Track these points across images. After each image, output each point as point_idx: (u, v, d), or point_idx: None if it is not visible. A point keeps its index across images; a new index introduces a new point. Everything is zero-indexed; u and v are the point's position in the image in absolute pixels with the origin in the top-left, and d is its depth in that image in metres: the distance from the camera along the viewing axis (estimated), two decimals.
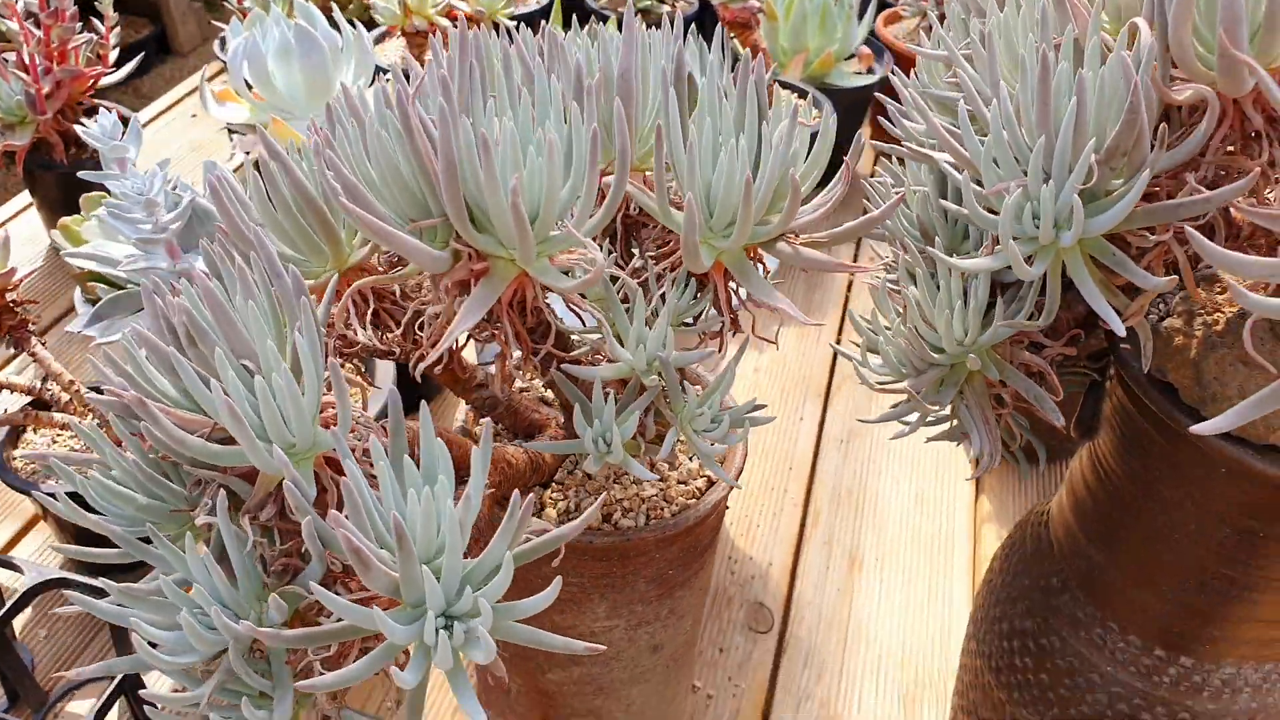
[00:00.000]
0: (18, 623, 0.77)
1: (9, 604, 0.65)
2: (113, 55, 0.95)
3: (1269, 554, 0.49)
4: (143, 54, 1.10)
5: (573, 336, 0.45)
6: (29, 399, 0.71)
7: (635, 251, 0.47)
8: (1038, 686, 0.60)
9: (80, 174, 0.62)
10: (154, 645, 0.34)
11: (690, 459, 0.53)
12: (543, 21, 1.02)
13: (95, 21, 0.97)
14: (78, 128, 0.63)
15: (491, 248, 0.38)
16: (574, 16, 0.52)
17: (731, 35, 0.98)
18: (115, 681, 0.61)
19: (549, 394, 0.57)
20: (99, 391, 0.74)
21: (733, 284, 0.42)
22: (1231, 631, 0.53)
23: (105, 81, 0.94)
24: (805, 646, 0.81)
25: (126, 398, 0.34)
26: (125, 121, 1.00)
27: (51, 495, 0.38)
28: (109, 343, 0.64)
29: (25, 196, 1.16)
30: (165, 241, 0.57)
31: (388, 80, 0.40)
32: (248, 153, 0.84)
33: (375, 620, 0.31)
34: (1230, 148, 0.37)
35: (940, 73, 0.51)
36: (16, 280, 0.64)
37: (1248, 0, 0.33)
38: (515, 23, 0.71)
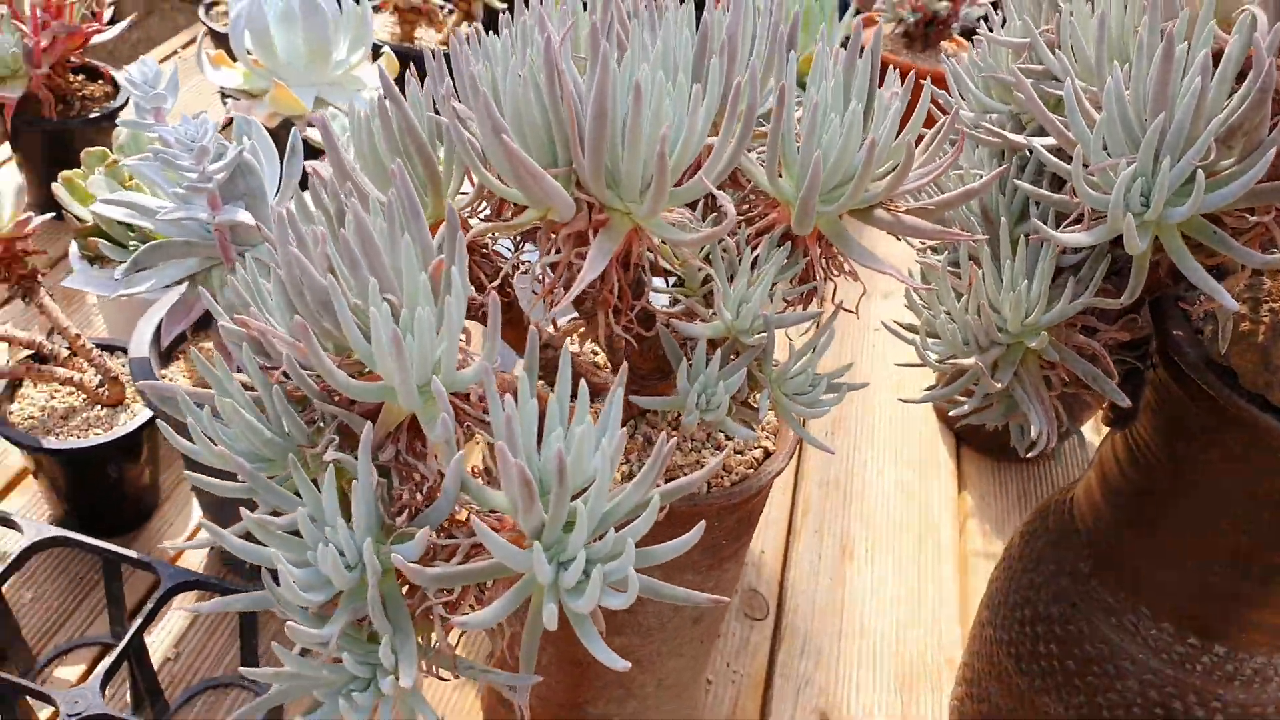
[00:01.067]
0: None
1: (7, 562, 0.62)
2: (107, 13, 0.92)
3: None
4: (135, 14, 1.06)
5: (654, 299, 0.45)
6: (28, 353, 0.68)
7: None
8: (1063, 673, 0.61)
9: (121, 119, 0.60)
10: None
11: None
12: None
13: None
14: (116, 74, 0.61)
15: (613, 201, 0.38)
16: None
17: None
18: (120, 647, 0.59)
19: (599, 359, 0.57)
20: (107, 348, 0.71)
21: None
22: (1269, 619, 0.55)
23: (99, 39, 0.90)
24: (801, 634, 0.83)
25: (256, 328, 0.33)
26: (114, 83, 0.97)
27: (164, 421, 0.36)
28: (121, 296, 0.62)
29: (4, 150, 1.10)
30: (209, 192, 0.55)
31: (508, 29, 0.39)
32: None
33: (530, 560, 0.31)
34: None
35: (1004, 58, 0.53)
36: (32, 229, 0.62)
37: None
38: None
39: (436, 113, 0.42)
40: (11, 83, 0.85)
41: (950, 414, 0.58)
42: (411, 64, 0.45)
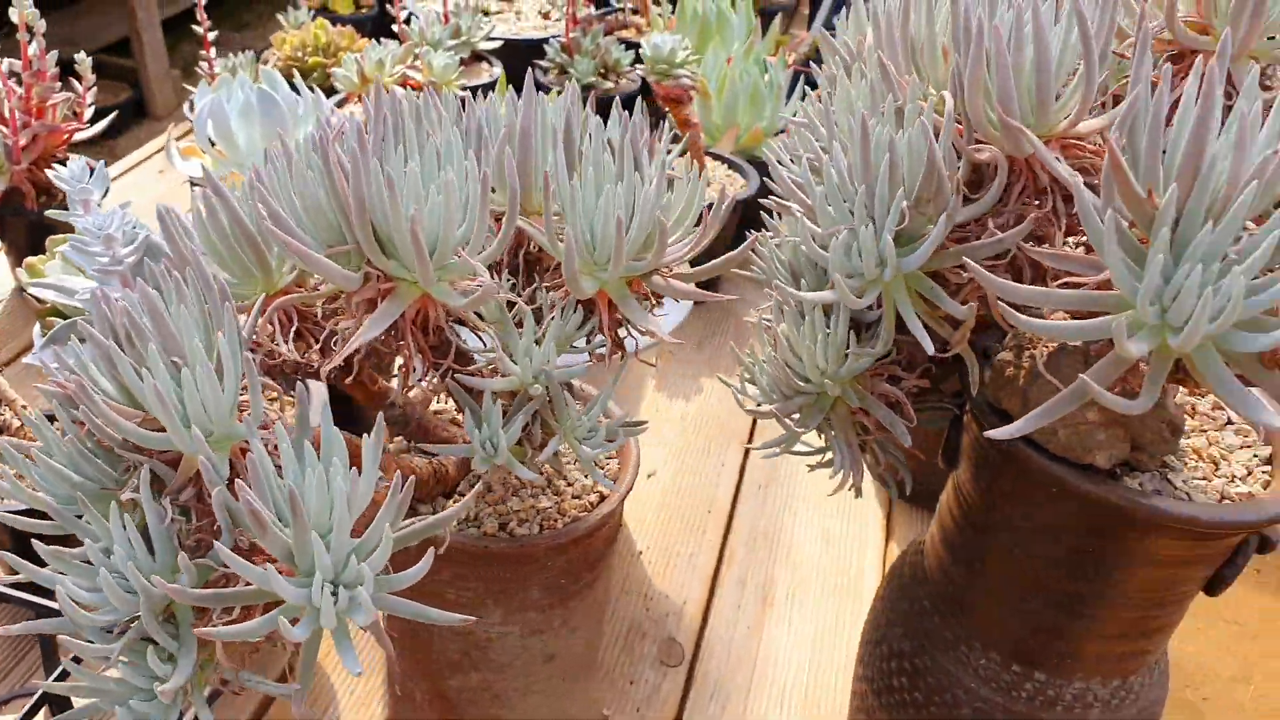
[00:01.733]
0: None
1: None
2: (88, 114, 1.02)
3: (1103, 570, 0.54)
4: (116, 113, 1.17)
5: (475, 356, 0.51)
6: None
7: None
8: (913, 705, 0.64)
9: (47, 212, 0.68)
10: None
11: (585, 477, 0.58)
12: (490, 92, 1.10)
13: (74, 82, 1.04)
14: (49, 173, 0.69)
15: (397, 271, 0.44)
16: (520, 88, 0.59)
17: (666, 110, 1.06)
18: (35, 698, 0.65)
19: (460, 415, 0.62)
20: (51, 419, 0.78)
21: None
22: (1078, 647, 0.58)
23: (79, 137, 1.00)
24: (714, 680, 0.86)
25: (69, 387, 0.39)
26: (92, 169, 1.06)
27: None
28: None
29: None
30: (121, 274, 0.63)
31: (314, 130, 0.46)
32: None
33: (269, 579, 0.36)
34: (1027, 199, 0.44)
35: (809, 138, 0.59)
36: None
37: (1023, 79, 0.40)
38: (466, 92, 0.79)
39: None
40: None
41: (810, 468, 0.62)
42: None
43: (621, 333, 0.51)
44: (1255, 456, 0.56)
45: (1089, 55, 0.39)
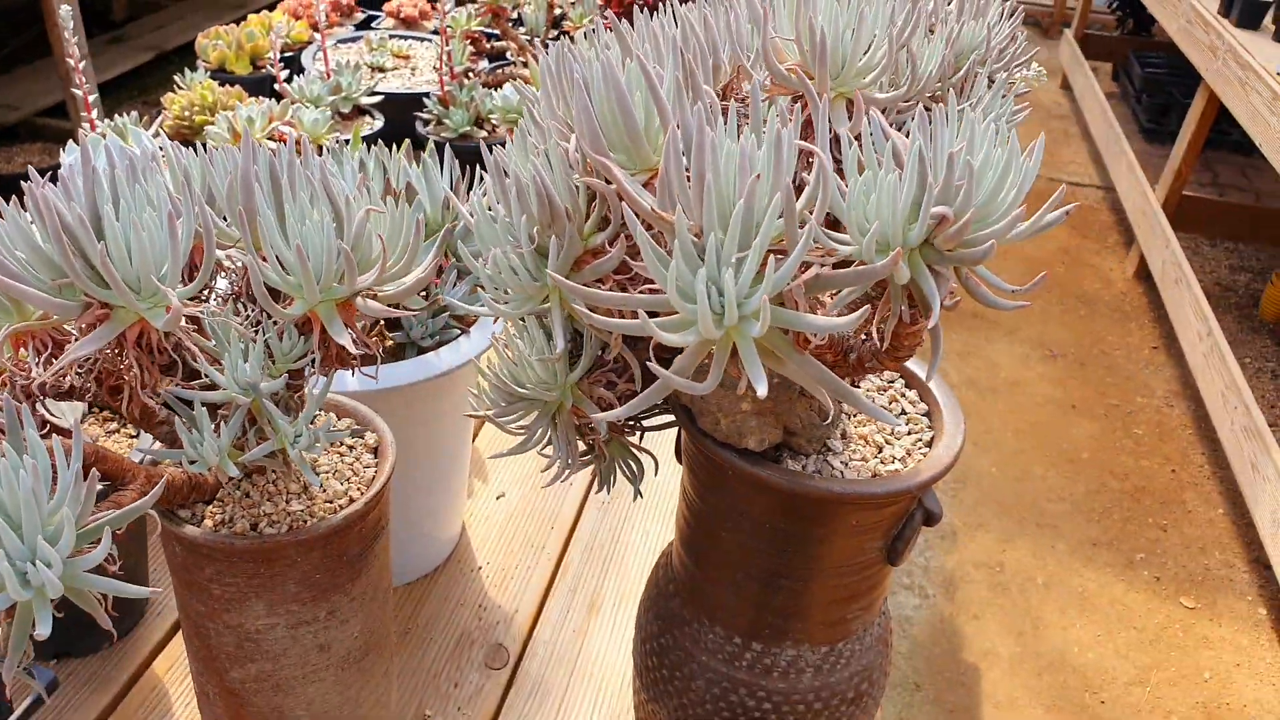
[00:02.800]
0: None
1: None
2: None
3: (793, 545, 0.62)
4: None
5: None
6: None
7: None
8: (663, 681, 0.71)
9: None
10: None
11: (340, 483, 0.65)
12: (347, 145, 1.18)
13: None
14: None
15: (112, 299, 0.51)
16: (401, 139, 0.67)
17: None
18: None
19: None
20: None
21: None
22: (784, 618, 0.66)
23: None
24: (534, 679, 0.92)
25: None
26: None
27: None
28: None
29: None
30: None
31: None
32: None
33: None
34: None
35: None
36: None
37: (608, 113, 0.49)
38: (337, 145, 0.86)
39: None
40: None
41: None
42: None
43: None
44: (919, 441, 0.64)
45: (659, 101, 0.47)
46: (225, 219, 0.58)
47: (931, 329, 0.50)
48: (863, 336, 0.54)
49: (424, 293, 0.85)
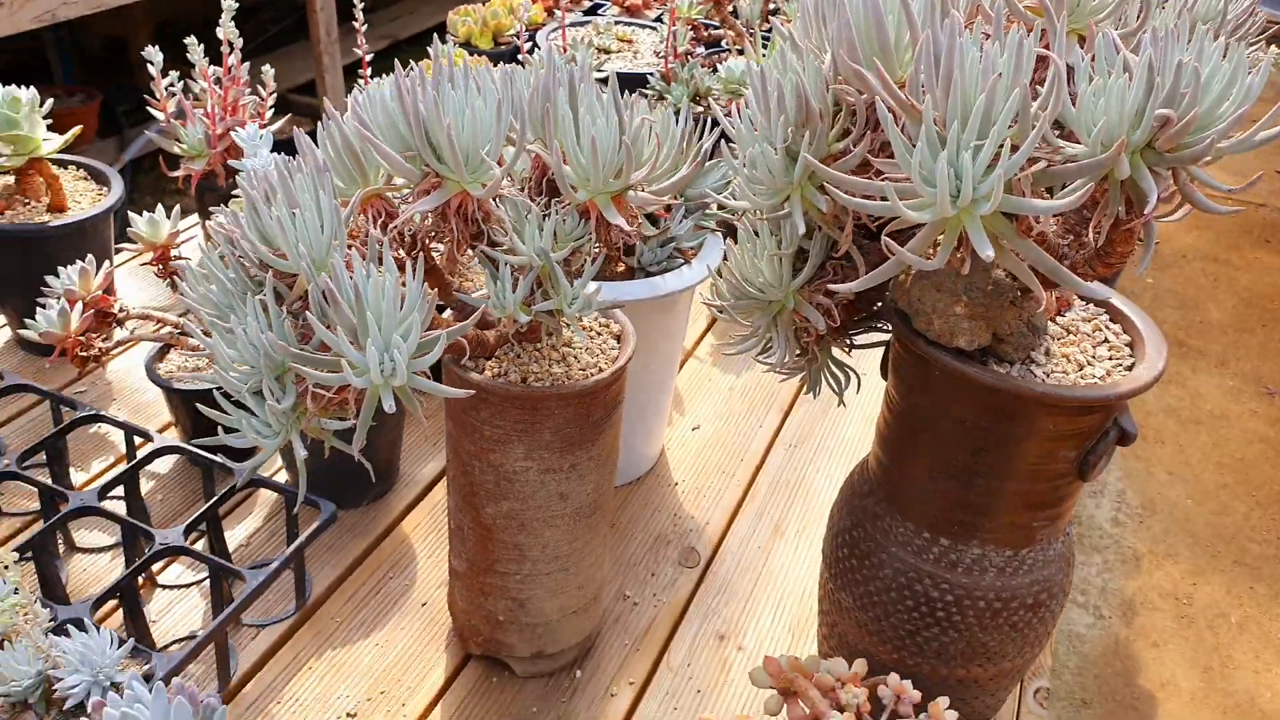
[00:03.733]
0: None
1: (139, 457, 0.93)
2: (269, 114, 1.30)
3: (991, 444, 0.68)
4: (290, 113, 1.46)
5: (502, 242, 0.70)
6: (176, 329, 1.01)
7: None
8: (851, 570, 0.79)
9: (230, 162, 0.93)
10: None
11: (592, 357, 0.77)
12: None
13: (259, 88, 1.32)
14: (232, 134, 0.94)
15: (444, 171, 0.64)
16: None
17: None
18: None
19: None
20: None
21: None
22: (974, 517, 0.72)
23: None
24: (722, 580, 1.01)
25: (230, 231, 0.61)
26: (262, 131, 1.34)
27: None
28: None
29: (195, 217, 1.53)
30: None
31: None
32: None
33: (338, 342, 0.56)
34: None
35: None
36: (179, 241, 0.95)
37: (864, 29, 0.57)
38: None
39: None
40: (198, 160, 1.23)
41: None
42: None
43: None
44: (1119, 365, 0.69)
45: (910, 18, 0.56)
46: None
47: (1144, 236, 0.56)
48: (1078, 246, 0.60)
49: (655, 223, 0.96)
